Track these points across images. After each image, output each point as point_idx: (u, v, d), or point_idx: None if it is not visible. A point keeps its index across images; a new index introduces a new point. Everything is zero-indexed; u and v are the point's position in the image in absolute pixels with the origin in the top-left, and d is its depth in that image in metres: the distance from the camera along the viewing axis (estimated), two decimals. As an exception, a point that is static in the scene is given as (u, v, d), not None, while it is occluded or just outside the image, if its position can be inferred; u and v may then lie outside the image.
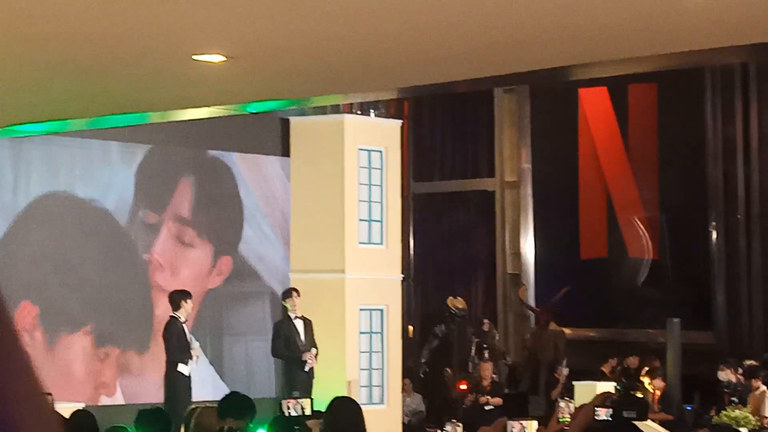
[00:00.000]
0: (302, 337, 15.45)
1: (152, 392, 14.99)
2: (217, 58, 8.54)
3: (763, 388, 15.04)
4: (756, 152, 19.40)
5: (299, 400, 7.73)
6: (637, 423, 5.46)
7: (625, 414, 5.62)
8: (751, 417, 14.34)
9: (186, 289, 15.12)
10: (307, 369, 15.32)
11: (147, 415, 7.72)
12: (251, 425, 8.00)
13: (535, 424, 5.99)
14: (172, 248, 16.80)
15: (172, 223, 16.86)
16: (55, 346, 15.62)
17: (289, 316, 15.58)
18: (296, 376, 15.21)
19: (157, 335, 15.14)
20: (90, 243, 16.08)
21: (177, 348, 14.31)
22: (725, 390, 15.19)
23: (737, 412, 14.33)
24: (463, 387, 18.19)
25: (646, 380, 15.86)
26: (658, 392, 15.65)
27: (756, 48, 8.55)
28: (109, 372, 15.91)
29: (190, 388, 14.26)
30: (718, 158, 19.64)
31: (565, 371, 17.75)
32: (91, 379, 15.86)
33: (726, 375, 15.41)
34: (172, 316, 14.45)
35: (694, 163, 19.90)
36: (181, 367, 14.28)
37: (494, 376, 17.24)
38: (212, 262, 17.25)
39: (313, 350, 15.40)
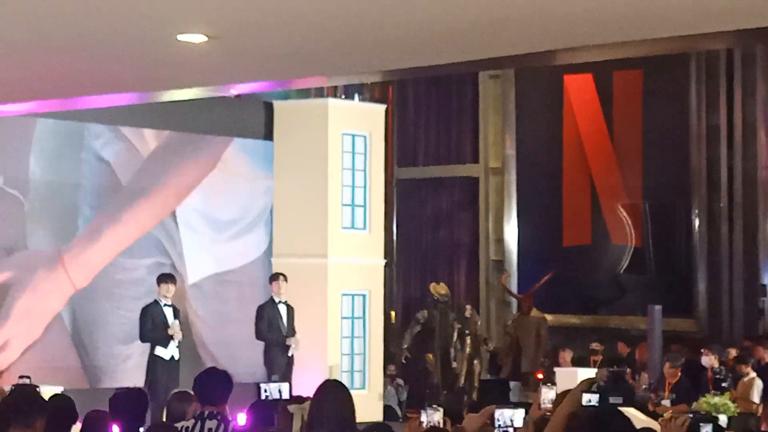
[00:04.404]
0: (285, 321, 15.42)
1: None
2: (198, 38, 8.46)
3: (753, 374, 15.02)
4: (739, 139, 19.40)
5: (278, 384, 7.66)
6: (622, 409, 5.43)
7: (612, 399, 5.59)
8: (730, 404, 14.33)
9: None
10: (290, 354, 15.28)
11: (122, 396, 7.63)
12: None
13: (522, 412, 5.95)
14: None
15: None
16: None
17: (273, 300, 15.54)
18: (277, 360, 15.17)
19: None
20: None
21: (150, 330, 14.29)
22: (716, 376, 15.14)
23: (716, 399, 14.31)
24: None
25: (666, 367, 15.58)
26: (672, 380, 15.44)
27: (741, 34, 8.51)
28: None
29: (174, 372, 14.19)
30: (702, 145, 19.64)
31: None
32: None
33: (709, 360, 15.37)
34: (154, 300, 14.52)
35: (677, 151, 19.89)
36: (159, 350, 14.23)
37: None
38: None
39: (298, 336, 15.37)
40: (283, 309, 15.48)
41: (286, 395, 7.63)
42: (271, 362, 15.20)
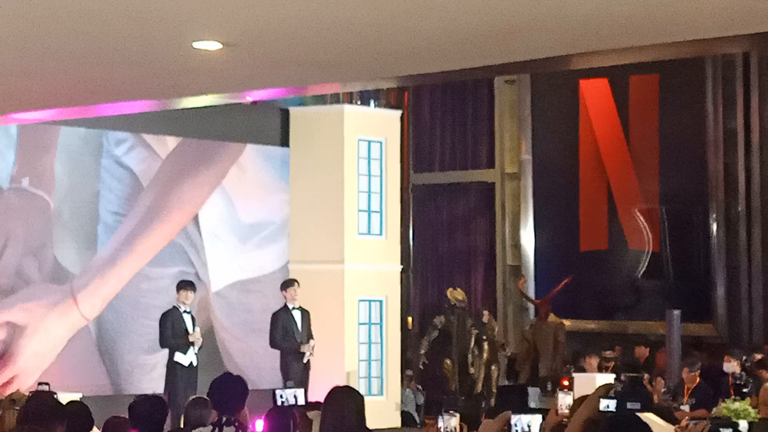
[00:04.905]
0: (299, 327, 15.42)
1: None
2: (214, 46, 8.48)
3: None
4: (757, 144, 19.35)
5: (293, 390, 7.66)
6: (639, 414, 5.41)
7: (630, 405, 5.56)
8: (751, 409, 14.24)
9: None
10: (305, 360, 15.28)
11: (142, 403, 7.63)
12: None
13: (539, 418, 5.94)
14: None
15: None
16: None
17: (287, 306, 15.54)
18: (293, 367, 15.18)
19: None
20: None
21: (170, 336, 14.36)
22: (737, 381, 15.07)
23: (737, 404, 14.23)
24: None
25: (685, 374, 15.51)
26: (691, 385, 15.37)
27: (758, 37, 8.48)
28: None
29: (192, 378, 14.25)
30: (719, 150, 19.59)
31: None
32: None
33: (731, 366, 15.30)
34: (173, 306, 14.61)
35: (694, 155, 19.84)
36: (178, 356, 14.30)
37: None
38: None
39: (312, 342, 15.35)
40: (297, 315, 15.48)
41: (301, 401, 7.65)
42: (287, 369, 15.21)
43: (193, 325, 14.56)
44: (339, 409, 6.44)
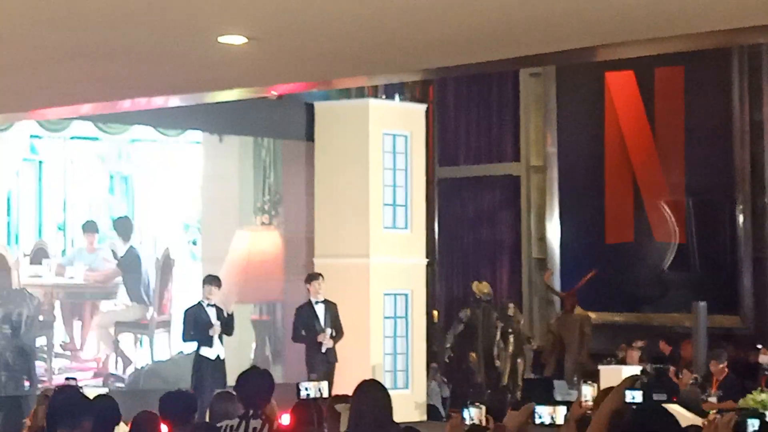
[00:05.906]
0: (322, 320, 15.43)
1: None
2: (239, 40, 8.50)
3: None
4: (783, 135, 19.27)
5: (317, 383, 7.68)
6: (666, 406, 5.40)
7: (656, 397, 5.56)
8: (777, 401, 14.21)
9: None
10: (323, 350, 15.28)
11: (171, 398, 7.67)
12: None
13: (563, 410, 5.94)
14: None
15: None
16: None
17: (310, 301, 15.56)
18: (315, 360, 15.23)
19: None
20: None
21: (189, 330, 14.49)
22: (766, 373, 15.03)
23: (763, 395, 14.22)
24: None
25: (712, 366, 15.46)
26: (720, 377, 15.33)
27: (784, 27, 8.45)
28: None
29: (218, 372, 14.32)
30: (745, 141, 19.51)
31: None
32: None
33: (767, 358, 15.27)
34: (198, 301, 14.73)
35: (721, 147, 19.76)
36: (204, 350, 14.39)
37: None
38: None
39: (328, 330, 15.30)
40: (320, 309, 15.49)
41: (325, 393, 7.66)
42: (310, 362, 15.27)
43: (218, 318, 14.61)
44: (371, 402, 6.50)
